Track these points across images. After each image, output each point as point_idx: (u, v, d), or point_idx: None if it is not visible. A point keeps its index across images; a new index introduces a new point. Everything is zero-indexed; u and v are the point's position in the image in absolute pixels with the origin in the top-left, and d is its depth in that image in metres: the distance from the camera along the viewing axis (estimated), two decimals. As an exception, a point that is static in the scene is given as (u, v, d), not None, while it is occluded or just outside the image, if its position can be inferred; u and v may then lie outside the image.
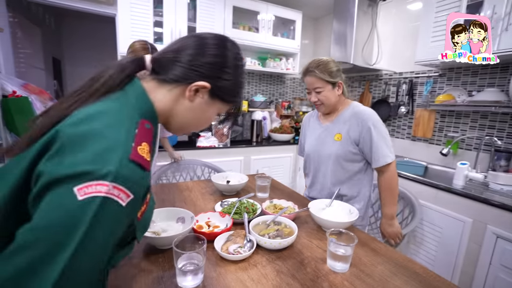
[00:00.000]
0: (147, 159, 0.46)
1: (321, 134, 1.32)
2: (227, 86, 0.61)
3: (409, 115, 2.39)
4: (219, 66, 0.58)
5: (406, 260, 0.87)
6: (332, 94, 1.22)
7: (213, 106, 0.62)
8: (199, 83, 0.56)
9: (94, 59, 4.19)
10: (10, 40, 2.41)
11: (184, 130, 0.66)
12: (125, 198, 0.40)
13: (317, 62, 1.20)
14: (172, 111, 0.59)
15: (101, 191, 0.38)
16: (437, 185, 1.64)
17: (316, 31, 3.54)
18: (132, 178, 0.41)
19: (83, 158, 0.39)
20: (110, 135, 0.42)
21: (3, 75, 1.68)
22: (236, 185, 1.35)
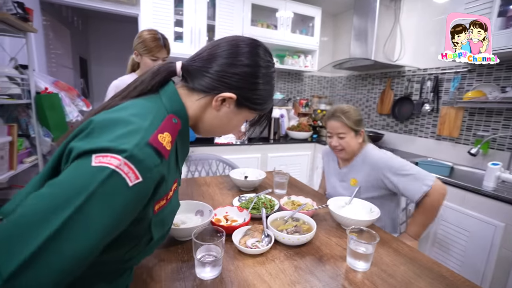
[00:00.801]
0: (165, 147, 0.47)
1: (339, 178, 1.36)
2: (255, 96, 0.60)
3: (434, 113, 2.28)
4: (249, 76, 0.58)
5: (431, 262, 0.83)
6: (354, 141, 1.25)
7: (240, 114, 0.62)
8: (225, 94, 0.57)
9: (118, 59, 4.36)
10: (43, 41, 2.56)
11: (211, 134, 0.67)
12: (133, 178, 0.41)
13: (343, 109, 1.25)
14: (199, 118, 0.61)
15: (112, 164, 0.39)
16: (465, 186, 1.55)
17: (336, 28, 3.46)
18: (145, 161, 0.42)
19: (107, 138, 0.42)
20: (135, 122, 0.45)
21: (37, 73, 1.78)
22: (254, 181, 1.35)
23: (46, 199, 0.37)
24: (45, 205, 0.37)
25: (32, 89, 1.62)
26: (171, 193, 0.55)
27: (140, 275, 0.70)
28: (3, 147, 1.38)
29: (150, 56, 1.37)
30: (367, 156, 1.24)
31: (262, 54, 0.60)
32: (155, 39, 1.36)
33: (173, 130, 0.51)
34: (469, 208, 1.54)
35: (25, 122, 1.67)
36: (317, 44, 3.02)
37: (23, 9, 1.46)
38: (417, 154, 2.38)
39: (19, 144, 1.59)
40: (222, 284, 0.68)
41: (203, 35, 2.49)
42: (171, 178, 0.54)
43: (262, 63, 0.60)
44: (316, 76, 3.54)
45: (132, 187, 0.41)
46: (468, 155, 1.96)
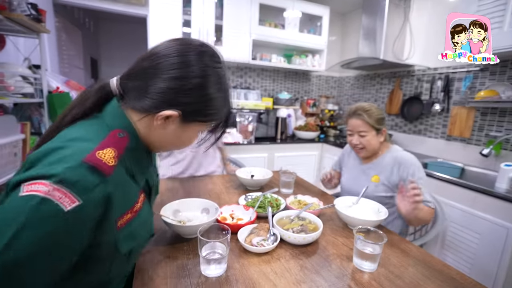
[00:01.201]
0: (106, 163, 0.45)
1: (359, 173, 1.33)
2: (206, 108, 0.55)
3: (444, 113, 2.24)
4: (196, 89, 0.53)
5: (440, 264, 0.81)
6: (375, 140, 1.23)
7: (189, 129, 0.58)
8: (164, 112, 0.52)
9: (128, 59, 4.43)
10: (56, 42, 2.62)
11: (166, 150, 0.65)
12: (68, 202, 0.39)
13: (365, 107, 1.23)
14: (148, 136, 0.57)
15: (40, 191, 0.38)
16: (476, 187, 1.51)
17: (344, 27, 3.43)
18: (80, 182, 0.40)
19: (39, 167, 0.41)
20: (69, 146, 0.44)
21: (49, 73, 1.82)
22: (260, 180, 1.35)
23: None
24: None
25: (44, 88, 1.65)
26: (138, 205, 0.55)
27: (146, 271, 0.71)
28: (17, 144, 1.42)
29: None
30: (397, 156, 1.22)
31: (195, 60, 0.53)
32: None
33: (119, 145, 0.49)
34: (480, 210, 1.50)
35: (37, 121, 1.71)
36: (325, 44, 3.00)
37: (36, 10, 1.50)
38: (427, 155, 2.33)
39: (32, 142, 1.63)
40: (227, 282, 0.68)
41: (210, 35, 2.50)
42: (131, 194, 0.54)
43: (196, 69, 0.53)
44: (323, 76, 3.51)
45: (68, 211, 0.39)
46: (479, 156, 1.91)
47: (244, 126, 2.67)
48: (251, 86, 3.15)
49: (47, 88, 1.69)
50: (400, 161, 1.19)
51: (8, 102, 1.37)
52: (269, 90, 3.26)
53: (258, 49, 2.93)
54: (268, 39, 2.73)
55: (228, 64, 2.95)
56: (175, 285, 0.66)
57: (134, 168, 0.56)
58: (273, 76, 3.24)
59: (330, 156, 2.84)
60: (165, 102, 0.52)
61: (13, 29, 1.47)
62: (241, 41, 2.63)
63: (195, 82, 0.52)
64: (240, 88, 2.98)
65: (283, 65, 2.93)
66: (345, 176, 1.41)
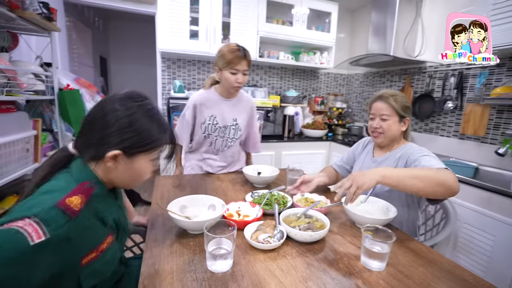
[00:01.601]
0: (73, 208, 0.54)
1: (368, 167, 1.27)
2: (137, 141, 0.64)
3: (457, 111, 2.17)
4: (117, 131, 0.62)
5: (452, 265, 0.78)
6: (396, 127, 1.17)
7: (138, 161, 0.67)
8: (108, 154, 0.62)
9: (136, 58, 4.48)
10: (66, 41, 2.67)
11: (129, 186, 0.73)
12: (35, 237, 0.47)
13: (392, 92, 1.19)
14: (109, 179, 0.68)
15: (18, 225, 0.47)
16: (491, 187, 1.46)
17: (353, 24, 3.38)
18: (52, 222, 0.50)
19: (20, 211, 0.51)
20: (43, 197, 0.55)
21: (60, 71, 1.86)
22: (267, 177, 1.34)
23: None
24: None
25: (55, 85, 1.69)
26: (104, 246, 0.63)
27: (152, 265, 0.71)
28: (29, 140, 1.45)
29: (229, 69, 1.31)
30: (408, 149, 1.15)
31: (132, 101, 0.65)
32: (234, 50, 1.30)
33: (86, 193, 0.59)
34: (495, 211, 1.45)
35: (48, 118, 1.75)
36: (333, 41, 2.96)
37: (48, 9, 1.53)
38: (439, 154, 2.25)
39: (43, 138, 1.67)
40: (232, 278, 0.68)
41: (218, 33, 2.50)
42: (97, 235, 0.62)
43: (120, 113, 0.63)
44: (332, 73, 3.47)
45: (34, 245, 0.47)
46: (495, 156, 1.84)
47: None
48: (258, 83, 3.14)
49: (58, 85, 1.72)
50: (409, 153, 1.12)
51: (20, 99, 1.41)
52: (276, 88, 3.24)
53: (266, 47, 2.92)
54: (275, 36, 2.71)
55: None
56: (180, 280, 0.66)
57: (104, 211, 0.66)
58: (280, 74, 3.22)
59: (338, 154, 2.81)
60: (106, 145, 0.62)
61: (25, 28, 1.50)
62: (249, 38, 2.62)
63: (123, 122, 0.63)
64: (247, 85, 2.98)
65: (291, 63, 2.91)
66: (355, 170, 1.36)
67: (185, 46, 2.42)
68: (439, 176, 0.88)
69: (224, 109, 1.45)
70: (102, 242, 0.63)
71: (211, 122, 1.45)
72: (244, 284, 0.65)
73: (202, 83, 2.92)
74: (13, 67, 1.31)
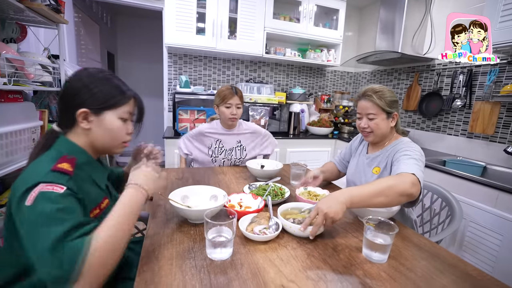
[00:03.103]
0: (66, 169, 0.64)
1: (362, 163, 1.26)
2: (97, 98, 0.72)
3: (466, 109, 2.13)
4: (78, 93, 0.71)
5: (456, 259, 0.77)
6: (385, 124, 1.14)
7: (107, 118, 0.74)
8: (78, 112, 0.70)
9: (144, 54, 4.51)
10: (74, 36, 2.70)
11: (110, 150, 0.80)
12: (59, 190, 0.59)
13: (375, 88, 1.13)
14: (90, 144, 0.76)
15: (38, 190, 0.57)
16: (499, 186, 1.43)
17: (361, 22, 3.34)
18: (58, 179, 0.61)
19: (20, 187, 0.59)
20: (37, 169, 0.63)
21: (67, 63, 1.88)
22: (270, 170, 1.34)
23: None
24: None
25: (62, 77, 1.71)
26: (103, 205, 0.73)
27: (152, 252, 0.71)
28: (35, 130, 1.47)
29: (224, 104, 1.53)
30: (395, 148, 1.12)
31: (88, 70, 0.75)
32: (227, 88, 1.54)
33: (70, 162, 0.67)
34: (503, 210, 1.42)
35: (55, 109, 1.77)
36: (340, 38, 2.93)
37: (56, 0, 1.55)
38: (446, 153, 2.24)
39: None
40: (232, 265, 0.67)
41: (225, 28, 2.50)
42: (96, 195, 0.73)
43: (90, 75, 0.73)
44: (339, 71, 3.43)
45: (62, 194, 0.59)
46: (503, 155, 1.80)
47: (257, 121, 2.65)
48: (264, 80, 3.13)
49: (65, 77, 1.74)
50: (399, 147, 1.10)
51: (28, 89, 1.42)
52: (282, 85, 3.23)
53: (272, 43, 2.90)
54: (282, 33, 2.70)
55: (242, 58, 2.95)
56: (180, 266, 0.66)
57: (96, 177, 0.76)
58: (287, 71, 3.20)
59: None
60: (74, 108, 0.70)
61: (34, 19, 1.52)
62: (255, 34, 2.61)
63: (84, 83, 0.72)
64: (253, 82, 2.97)
65: (297, 59, 2.89)
66: (350, 170, 1.34)
67: (191, 42, 2.43)
68: (398, 186, 0.85)
69: (227, 136, 1.64)
70: (101, 201, 0.73)
71: (217, 145, 1.62)
72: (243, 272, 0.65)
73: (208, 79, 2.93)
74: (20, 57, 1.33)
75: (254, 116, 2.65)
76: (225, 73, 2.98)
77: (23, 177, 0.62)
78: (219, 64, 2.94)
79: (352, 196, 0.82)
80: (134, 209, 0.65)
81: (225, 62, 2.95)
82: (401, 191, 0.85)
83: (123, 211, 0.62)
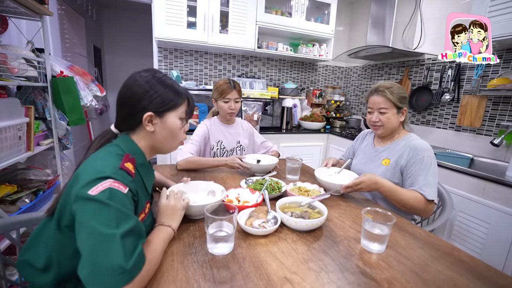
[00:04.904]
0: (131, 169, 0.66)
1: (370, 155, 1.32)
2: (161, 101, 0.74)
3: (454, 103, 2.19)
4: (142, 98, 0.72)
5: (450, 247, 0.79)
6: (395, 119, 1.20)
7: (169, 118, 0.76)
8: (144, 116, 0.72)
9: (132, 48, 4.40)
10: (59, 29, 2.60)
11: (170, 148, 0.82)
12: (123, 189, 0.59)
13: (388, 84, 1.20)
14: (153, 145, 0.78)
15: (107, 185, 0.57)
16: (486, 176, 1.48)
17: (352, 16, 3.36)
18: (124, 179, 0.62)
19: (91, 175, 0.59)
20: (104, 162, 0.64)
21: (52, 57, 1.81)
22: (266, 165, 1.34)
23: None
24: None
25: (48, 72, 1.64)
26: (146, 210, 0.74)
27: (152, 248, 0.70)
28: (21, 127, 1.41)
29: (223, 99, 1.51)
30: (411, 141, 1.18)
31: (144, 72, 0.76)
32: (226, 82, 1.52)
33: (132, 162, 0.69)
34: (490, 199, 1.47)
35: (41, 105, 1.70)
36: (332, 33, 2.94)
37: (39, -9, 1.48)
38: (435, 146, 2.30)
39: (36, 127, 1.63)
40: (234, 260, 0.67)
41: (216, 22, 2.46)
42: (143, 198, 0.72)
43: (142, 81, 0.74)
44: (330, 66, 3.45)
45: (126, 194, 0.60)
46: (490, 147, 1.87)
47: (249, 116, 2.64)
48: (256, 75, 3.11)
49: (51, 72, 1.68)
50: (415, 147, 1.15)
51: (11, 84, 1.36)
52: (274, 80, 3.22)
53: (264, 38, 2.88)
54: (274, 27, 2.68)
55: (234, 53, 2.92)
56: (181, 262, 0.65)
57: (145, 179, 0.76)
58: (279, 66, 3.20)
59: (336, 147, 2.81)
60: (139, 112, 0.73)
61: (15, 11, 1.45)
62: (247, 28, 2.59)
63: (146, 87, 0.73)
64: (245, 77, 2.95)
65: (289, 54, 2.88)
66: (357, 159, 1.40)
67: (182, 35, 2.38)
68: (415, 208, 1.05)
69: (227, 135, 1.62)
70: (145, 207, 0.73)
71: (219, 147, 1.60)
72: (246, 265, 0.65)
73: (200, 74, 2.89)
74: (2, 50, 1.27)
75: (247, 111, 2.64)
76: (217, 68, 2.95)
77: (92, 165, 0.62)
78: (210, 59, 2.90)
79: (384, 187, 1.06)
80: (165, 245, 0.70)
81: (217, 56, 2.92)
82: (415, 211, 1.07)
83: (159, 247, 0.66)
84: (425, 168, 1.09)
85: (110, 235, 0.51)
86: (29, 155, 1.51)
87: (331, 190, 1.11)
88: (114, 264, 0.49)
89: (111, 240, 0.51)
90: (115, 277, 0.49)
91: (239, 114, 2.65)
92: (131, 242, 0.54)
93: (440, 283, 0.63)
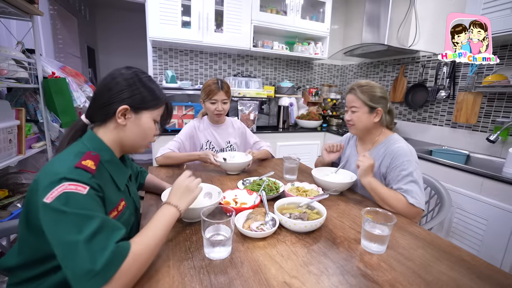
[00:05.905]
0: (90, 167, 0.63)
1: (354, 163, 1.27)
2: (141, 98, 0.74)
3: (450, 100, 2.19)
4: (123, 90, 0.72)
5: (450, 246, 0.79)
6: (366, 118, 1.17)
7: (144, 118, 0.76)
8: (119, 108, 0.71)
9: (126, 48, 4.35)
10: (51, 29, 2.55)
11: (137, 148, 0.81)
12: (82, 190, 0.57)
13: (362, 83, 1.18)
14: (119, 140, 0.76)
15: (62, 189, 0.56)
16: (484, 173, 1.48)
17: (347, 14, 3.35)
18: (82, 177, 0.59)
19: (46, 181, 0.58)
20: (60, 163, 0.62)
21: (44, 58, 1.77)
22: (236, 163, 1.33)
23: None
24: None
25: (39, 73, 1.60)
26: (120, 208, 0.73)
27: (148, 254, 0.68)
28: (12, 130, 1.38)
29: (209, 100, 1.49)
30: (392, 149, 1.12)
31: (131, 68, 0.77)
32: (213, 83, 1.48)
33: (94, 159, 0.66)
34: (488, 196, 1.47)
35: (33, 107, 1.67)
36: (327, 31, 2.93)
37: (28, -9, 1.44)
38: (431, 143, 2.30)
39: (28, 129, 1.60)
40: (232, 264, 0.65)
41: (211, 21, 2.43)
42: (113, 195, 0.71)
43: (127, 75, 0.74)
44: (326, 64, 3.44)
45: (85, 194, 0.58)
46: (485, 144, 1.87)
47: (246, 115, 2.62)
48: (252, 74, 3.09)
49: (42, 73, 1.64)
50: (393, 154, 1.11)
51: (1, 86, 1.33)
52: (270, 79, 3.20)
53: (259, 36, 2.86)
54: (269, 26, 2.66)
55: (229, 52, 2.89)
56: (177, 268, 0.63)
57: (116, 175, 0.75)
58: (274, 64, 3.18)
59: (332, 145, 2.80)
60: (115, 103, 0.72)
61: (4, 10, 1.41)
62: (242, 27, 2.56)
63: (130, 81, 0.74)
64: (241, 76, 2.93)
65: (285, 53, 2.86)
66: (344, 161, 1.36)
67: (177, 35, 2.35)
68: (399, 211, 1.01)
69: (215, 135, 1.60)
70: (118, 204, 0.72)
71: (208, 146, 1.58)
72: (244, 270, 0.63)
73: (195, 74, 2.86)
74: (-8, 52, 1.24)
75: (243, 111, 2.62)
76: (212, 67, 2.92)
77: (48, 168, 0.61)
78: (205, 58, 2.87)
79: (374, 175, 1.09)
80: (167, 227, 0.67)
81: (212, 56, 2.89)
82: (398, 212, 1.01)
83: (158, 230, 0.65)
84: (405, 174, 1.05)
85: (72, 243, 0.52)
86: (21, 159, 1.47)
87: (329, 189, 1.09)
88: (82, 270, 0.50)
89: (74, 247, 0.51)
90: (88, 282, 0.49)
91: (236, 113, 2.63)
92: (98, 242, 0.53)
93: (443, 284, 0.62)
